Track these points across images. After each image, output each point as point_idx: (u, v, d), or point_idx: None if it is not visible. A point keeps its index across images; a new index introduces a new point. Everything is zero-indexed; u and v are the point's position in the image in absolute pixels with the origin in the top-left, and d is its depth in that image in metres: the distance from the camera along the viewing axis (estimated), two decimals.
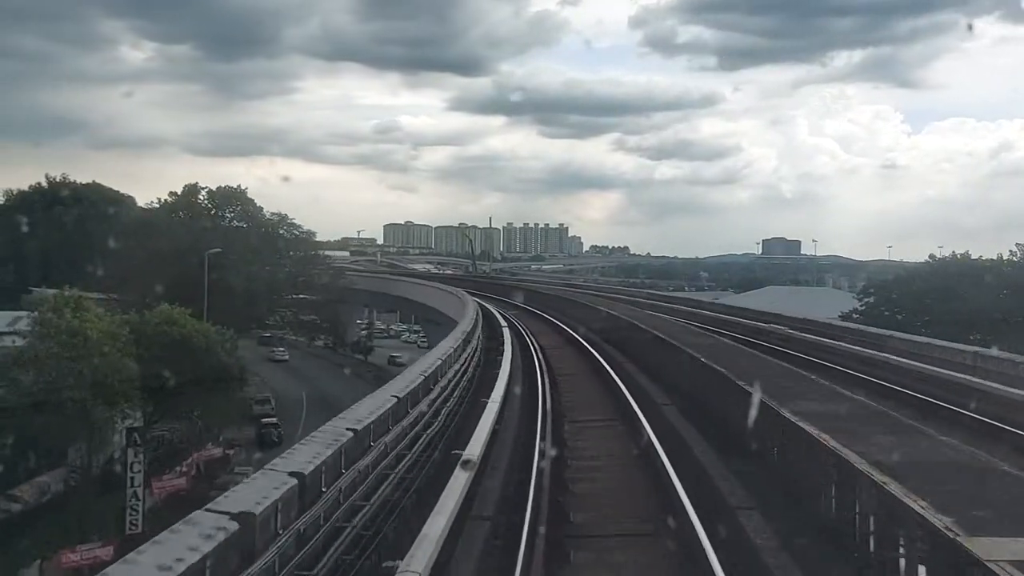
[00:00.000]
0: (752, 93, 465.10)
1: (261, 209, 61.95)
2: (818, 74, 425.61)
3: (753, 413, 13.52)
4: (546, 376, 24.74)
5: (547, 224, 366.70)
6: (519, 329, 37.85)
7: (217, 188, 59.97)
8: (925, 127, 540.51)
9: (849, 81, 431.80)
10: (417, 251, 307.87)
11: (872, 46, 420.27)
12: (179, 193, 59.40)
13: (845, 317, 54.67)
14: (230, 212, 59.18)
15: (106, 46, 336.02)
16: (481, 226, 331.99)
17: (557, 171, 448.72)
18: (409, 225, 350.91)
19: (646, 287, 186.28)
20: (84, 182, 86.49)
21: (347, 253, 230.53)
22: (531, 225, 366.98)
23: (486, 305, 48.04)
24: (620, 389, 21.75)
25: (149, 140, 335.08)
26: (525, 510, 11.55)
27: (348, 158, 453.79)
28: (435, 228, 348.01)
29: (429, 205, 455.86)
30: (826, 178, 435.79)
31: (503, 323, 36.98)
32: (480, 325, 31.55)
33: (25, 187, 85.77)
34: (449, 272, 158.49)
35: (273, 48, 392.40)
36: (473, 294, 53.28)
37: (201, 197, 59.52)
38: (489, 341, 31.15)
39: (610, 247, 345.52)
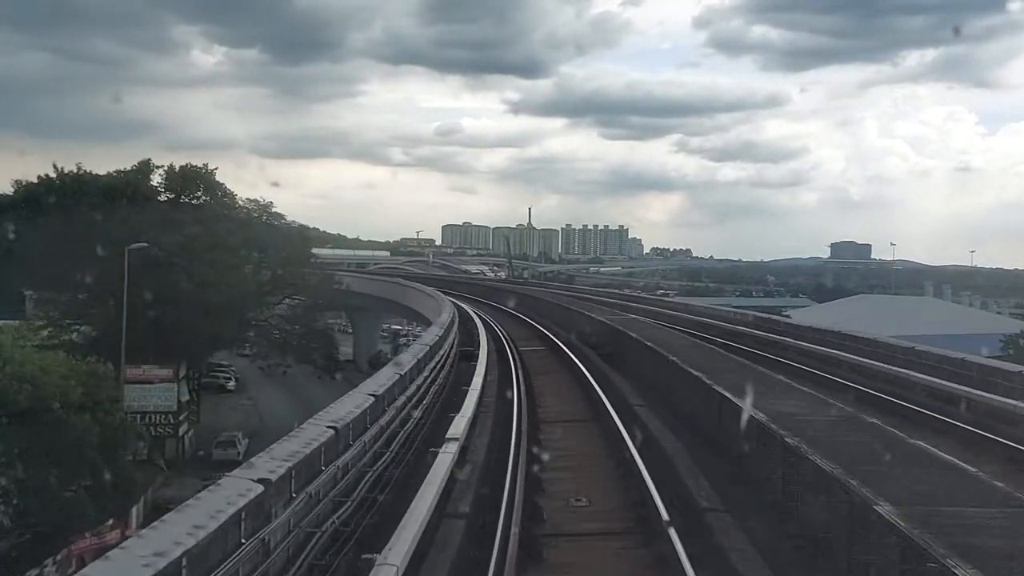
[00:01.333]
0: (819, 94, 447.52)
1: (235, 196, 49.67)
2: (888, 74, 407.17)
3: None
4: None
5: (607, 225, 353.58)
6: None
7: (180, 168, 47.71)
8: (1001, 128, 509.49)
9: (921, 81, 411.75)
10: (474, 252, 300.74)
11: (945, 45, 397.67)
12: (126, 171, 47.05)
13: (1009, 344, 40.41)
14: (193, 199, 46.70)
15: (179, 50, 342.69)
16: (540, 227, 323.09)
17: (617, 173, 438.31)
18: (467, 226, 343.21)
19: (711, 292, 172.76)
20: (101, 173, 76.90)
21: (387, 253, 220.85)
22: (590, 227, 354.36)
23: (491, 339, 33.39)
24: None
25: (219, 142, 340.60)
26: None
27: (410, 160, 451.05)
28: (493, 229, 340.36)
29: (488, 206, 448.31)
30: (896, 180, 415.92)
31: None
32: None
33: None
34: (503, 276, 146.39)
35: (338, 52, 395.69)
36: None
37: (156, 178, 47.30)
38: None
39: (672, 249, 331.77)
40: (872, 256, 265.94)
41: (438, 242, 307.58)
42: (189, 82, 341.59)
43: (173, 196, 46.13)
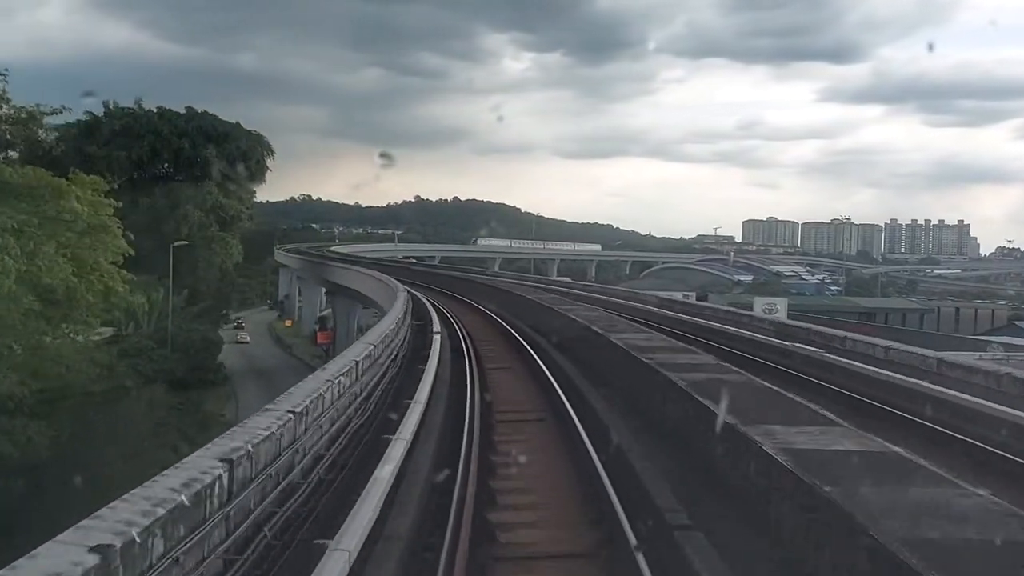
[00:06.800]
0: None
1: None
2: None
3: None
4: None
5: (941, 220, 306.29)
6: None
7: None
8: None
9: None
10: (780, 249, 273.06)
11: None
12: None
13: None
14: None
15: (490, 59, 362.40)
16: (859, 222, 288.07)
17: (942, 163, 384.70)
18: (772, 221, 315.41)
19: None
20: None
21: (598, 247, 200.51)
22: (920, 222, 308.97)
23: None
24: None
25: (523, 145, 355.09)
26: None
27: (707, 155, 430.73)
28: (801, 224, 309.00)
29: (792, 201, 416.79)
30: None
31: None
32: None
33: None
34: (822, 280, 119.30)
35: (638, 50, 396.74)
36: None
37: None
38: None
39: (1022, 249, 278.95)
40: None
41: (738, 239, 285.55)
42: (499, 88, 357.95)
43: None
